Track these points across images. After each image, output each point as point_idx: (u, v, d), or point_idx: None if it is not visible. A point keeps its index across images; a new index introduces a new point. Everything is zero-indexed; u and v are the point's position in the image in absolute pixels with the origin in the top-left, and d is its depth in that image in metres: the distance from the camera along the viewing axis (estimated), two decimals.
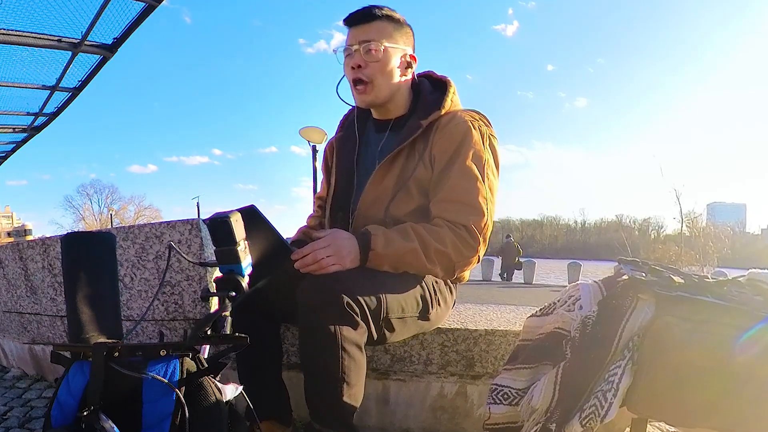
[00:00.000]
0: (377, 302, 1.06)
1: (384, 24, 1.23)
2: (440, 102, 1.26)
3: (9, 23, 3.49)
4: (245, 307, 0.95)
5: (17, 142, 7.26)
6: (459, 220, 1.15)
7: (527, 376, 0.99)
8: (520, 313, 1.65)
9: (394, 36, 1.24)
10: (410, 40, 1.29)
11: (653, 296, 0.88)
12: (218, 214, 0.78)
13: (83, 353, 0.75)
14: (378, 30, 1.22)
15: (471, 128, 1.20)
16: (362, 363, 1.05)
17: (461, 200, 1.16)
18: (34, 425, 1.57)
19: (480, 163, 1.19)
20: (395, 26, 1.25)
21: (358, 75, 1.23)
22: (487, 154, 1.21)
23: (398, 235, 1.13)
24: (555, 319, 1.00)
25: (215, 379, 0.76)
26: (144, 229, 1.56)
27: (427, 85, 1.33)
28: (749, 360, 0.79)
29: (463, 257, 1.16)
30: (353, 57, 1.23)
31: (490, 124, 1.28)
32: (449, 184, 1.17)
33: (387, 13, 1.23)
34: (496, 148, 1.25)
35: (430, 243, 1.12)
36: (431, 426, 1.42)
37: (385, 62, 1.23)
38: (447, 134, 1.20)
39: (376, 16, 1.22)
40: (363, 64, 1.22)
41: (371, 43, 1.21)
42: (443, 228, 1.14)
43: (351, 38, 1.24)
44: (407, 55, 1.28)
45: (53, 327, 1.94)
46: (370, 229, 1.14)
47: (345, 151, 1.37)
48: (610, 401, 0.83)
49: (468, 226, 1.15)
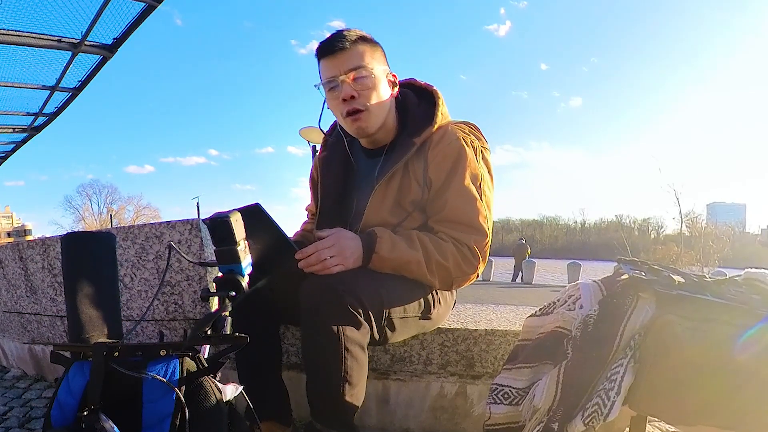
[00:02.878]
0: (380, 302, 1.07)
1: (361, 47, 1.16)
2: (431, 117, 1.21)
3: (9, 23, 3.49)
4: (245, 307, 0.95)
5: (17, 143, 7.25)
6: (463, 239, 1.15)
7: (528, 376, 0.99)
8: (520, 313, 1.65)
9: (374, 56, 1.18)
10: (385, 57, 1.23)
11: (654, 295, 0.88)
12: (218, 213, 0.78)
13: (83, 353, 0.75)
14: (358, 55, 1.15)
15: (464, 146, 1.17)
16: (364, 363, 1.05)
17: (462, 221, 1.15)
18: (34, 425, 1.57)
19: (476, 182, 1.17)
20: (371, 46, 1.18)
21: (353, 106, 1.17)
22: (481, 170, 1.19)
23: (404, 242, 1.12)
24: (555, 319, 1.01)
25: (215, 379, 0.76)
26: (144, 229, 1.56)
27: (411, 97, 1.27)
28: (750, 359, 0.79)
29: (463, 273, 1.17)
30: (342, 89, 1.16)
31: (481, 134, 1.25)
32: (448, 205, 1.16)
33: (359, 35, 1.17)
34: (489, 160, 1.24)
35: (432, 255, 1.13)
36: (431, 426, 1.42)
37: (377, 86, 1.18)
38: (441, 154, 1.17)
39: (351, 40, 1.15)
40: (356, 94, 1.16)
41: (361, 70, 1.15)
42: (448, 243, 1.14)
43: (332, 69, 1.16)
44: (390, 74, 1.23)
45: (53, 327, 1.94)
46: (377, 231, 1.13)
47: (331, 173, 1.33)
48: (613, 399, 0.83)
49: (471, 246, 1.15)
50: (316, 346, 1.02)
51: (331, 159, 1.34)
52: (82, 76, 4.67)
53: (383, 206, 1.19)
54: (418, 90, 1.30)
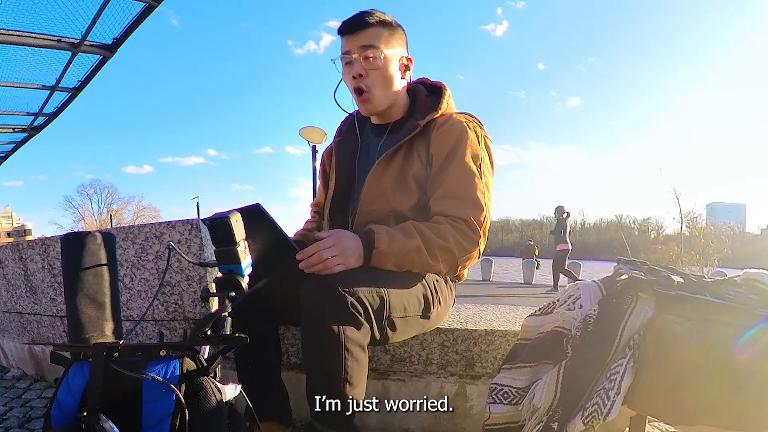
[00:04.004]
0: (380, 301, 1.07)
1: (379, 30, 1.23)
2: (436, 104, 1.28)
3: (9, 23, 3.49)
4: (245, 307, 0.95)
5: (17, 142, 7.26)
6: (458, 214, 1.17)
7: (527, 375, 0.99)
8: (519, 313, 1.66)
9: (390, 41, 1.24)
10: (404, 41, 1.29)
11: (653, 295, 0.88)
12: (218, 214, 0.79)
13: (83, 353, 0.75)
14: (374, 36, 1.22)
15: (467, 128, 1.24)
16: (365, 363, 1.05)
17: (459, 196, 1.18)
18: (33, 425, 1.57)
19: (476, 160, 1.22)
20: (390, 30, 1.25)
21: (359, 84, 1.24)
22: (482, 153, 1.24)
23: (401, 233, 1.14)
24: (555, 318, 1.01)
25: (215, 379, 0.76)
26: (144, 229, 1.56)
27: (422, 89, 1.35)
28: (749, 359, 0.80)
29: (465, 251, 1.18)
30: (353, 65, 1.23)
31: (483, 126, 1.30)
32: (447, 180, 1.20)
33: (380, 18, 1.23)
34: (491, 148, 1.28)
35: (432, 239, 1.14)
36: (431, 426, 1.42)
37: (385, 69, 1.24)
38: (444, 134, 1.23)
39: (370, 23, 1.22)
40: (364, 73, 1.23)
41: (369, 50, 1.21)
42: (444, 224, 1.16)
43: (347, 45, 1.24)
44: (404, 58, 1.29)
45: (53, 327, 1.94)
46: (373, 228, 1.14)
47: (345, 155, 1.38)
48: (612, 399, 0.83)
49: (467, 220, 1.17)
50: (316, 346, 1.02)
51: (345, 143, 1.40)
52: (82, 76, 4.67)
53: (383, 180, 1.24)
54: (429, 86, 1.37)
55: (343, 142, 1.41)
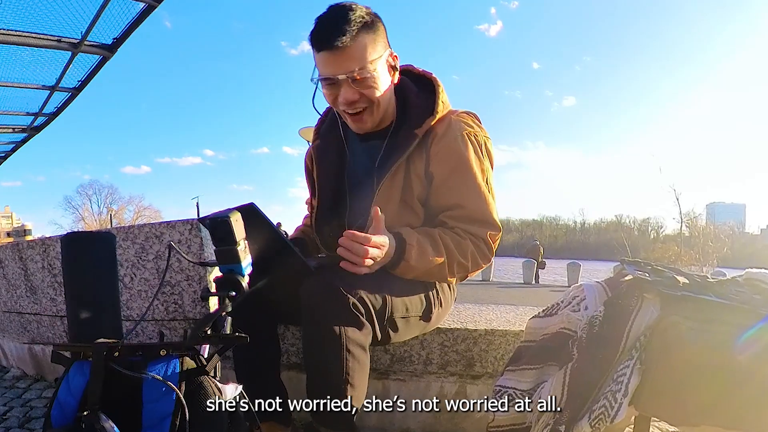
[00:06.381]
0: (382, 302, 1.06)
1: (362, 40, 1.06)
2: (431, 106, 1.17)
3: (9, 23, 3.49)
4: (245, 307, 0.95)
5: (17, 142, 7.26)
6: (480, 234, 1.15)
7: (532, 377, 0.98)
8: (519, 313, 1.65)
9: (375, 47, 1.09)
10: (385, 35, 1.13)
11: (658, 296, 0.88)
12: (218, 213, 0.78)
13: (83, 353, 0.75)
14: (359, 51, 1.06)
15: (467, 140, 1.16)
16: (366, 364, 1.05)
17: (479, 219, 1.16)
18: (33, 425, 1.56)
19: (484, 177, 1.18)
20: (372, 33, 1.08)
21: (356, 107, 1.12)
22: (485, 163, 1.19)
23: (430, 245, 1.10)
24: (560, 320, 1.00)
25: (215, 379, 0.76)
26: (144, 229, 1.56)
27: (411, 86, 1.22)
28: (751, 358, 0.79)
29: (478, 267, 1.18)
30: (339, 87, 1.09)
31: (481, 125, 1.24)
32: (464, 204, 1.15)
33: (359, 21, 1.05)
34: (491, 150, 1.23)
35: (455, 256, 1.12)
36: (431, 426, 1.42)
37: (378, 80, 1.11)
38: (444, 150, 1.15)
39: (353, 34, 1.04)
40: (357, 96, 1.10)
41: (363, 71, 1.07)
42: (466, 240, 1.14)
43: (331, 66, 1.07)
44: (390, 57, 1.15)
45: (53, 327, 1.93)
46: (405, 236, 1.09)
47: (328, 164, 1.27)
48: (620, 401, 0.83)
49: (486, 240, 1.16)
50: (317, 346, 1.02)
51: (326, 147, 1.29)
52: (81, 76, 4.68)
53: (389, 205, 1.16)
54: (416, 77, 1.25)
55: (323, 148, 1.29)
